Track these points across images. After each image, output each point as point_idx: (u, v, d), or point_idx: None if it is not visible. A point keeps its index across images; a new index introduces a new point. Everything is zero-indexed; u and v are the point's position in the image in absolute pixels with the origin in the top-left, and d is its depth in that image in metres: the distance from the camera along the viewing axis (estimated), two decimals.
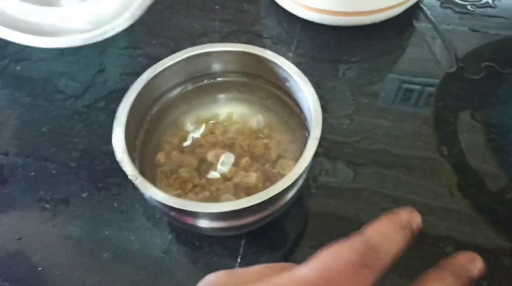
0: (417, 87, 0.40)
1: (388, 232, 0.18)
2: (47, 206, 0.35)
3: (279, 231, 0.33)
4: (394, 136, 0.37)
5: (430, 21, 0.45)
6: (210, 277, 0.20)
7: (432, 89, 0.40)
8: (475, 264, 0.20)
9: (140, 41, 0.46)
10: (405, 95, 0.40)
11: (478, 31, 0.44)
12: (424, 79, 0.41)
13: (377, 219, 0.19)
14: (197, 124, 0.35)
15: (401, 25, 0.45)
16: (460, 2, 0.47)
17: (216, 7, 0.49)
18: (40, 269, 0.32)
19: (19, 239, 0.33)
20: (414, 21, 0.46)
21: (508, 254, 0.31)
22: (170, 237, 0.33)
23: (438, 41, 0.43)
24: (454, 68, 0.41)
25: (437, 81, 0.41)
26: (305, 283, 0.17)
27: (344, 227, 0.32)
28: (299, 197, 0.30)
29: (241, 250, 0.32)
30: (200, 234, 0.32)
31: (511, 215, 0.33)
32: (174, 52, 0.32)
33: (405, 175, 0.35)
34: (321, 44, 0.44)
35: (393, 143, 0.37)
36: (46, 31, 0.36)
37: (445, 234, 0.32)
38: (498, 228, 0.32)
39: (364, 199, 0.34)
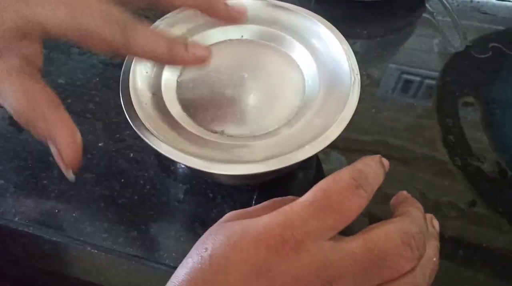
0: (423, 65, 0.42)
1: (371, 164, 0.22)
2: None
3: (289, 186, 0.34)
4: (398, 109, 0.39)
5: (440, 1, 0.47)
6: (229, 214, 0.23)
7: (439, 66, 0.41)
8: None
9: None
10: (405, 85, 0.41)
11: (487, 13, 0.46)
12: (432, 56, 0.42)
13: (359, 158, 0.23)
14: None
15: (412, 3, 0.47)
16: None
17: None
18: (56, 211, 0.33)
19: (36, 182, 0.34)
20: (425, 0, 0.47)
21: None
22: (184, 187, 0.34)
23: (448, 20, 0.45)
24: (463, 47, 0.42)
25: (444, 59, 0.42)
26: (310, 204, 0.20)
27: None
28: None
29: (253, 202, 0.33)
30: (213, 185, 0.33)
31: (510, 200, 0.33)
32: None
33: (399, 160, 0.35)
34: (335, 18, 0.45)
35: (395, 110, 0.38)
36: None
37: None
38: (495, 213, 0.32)
39: None
